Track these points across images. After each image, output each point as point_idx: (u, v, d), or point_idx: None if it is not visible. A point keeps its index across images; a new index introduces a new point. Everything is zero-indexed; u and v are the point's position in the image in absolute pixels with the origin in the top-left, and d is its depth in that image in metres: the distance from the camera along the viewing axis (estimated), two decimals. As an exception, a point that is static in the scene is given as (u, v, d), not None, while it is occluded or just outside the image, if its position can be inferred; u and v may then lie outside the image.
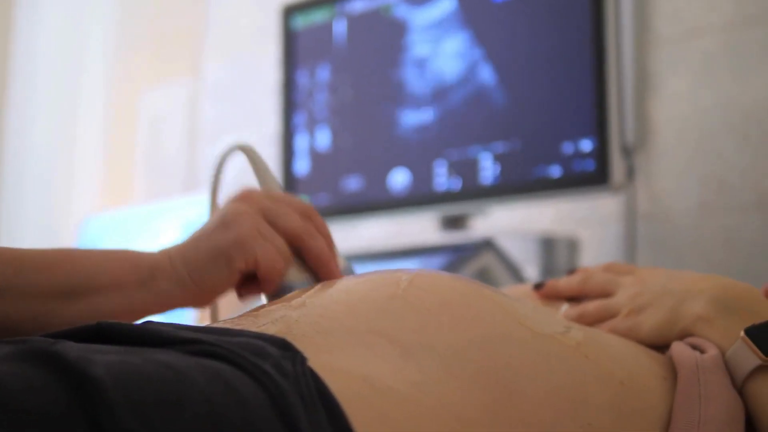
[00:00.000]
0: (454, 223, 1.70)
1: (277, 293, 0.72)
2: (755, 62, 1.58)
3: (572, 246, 1.64)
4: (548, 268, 1.60)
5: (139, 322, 0.58)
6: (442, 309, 0.60)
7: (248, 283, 0.73)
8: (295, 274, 0.73)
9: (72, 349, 0.46)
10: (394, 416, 0.50)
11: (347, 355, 0.54)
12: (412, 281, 0.63)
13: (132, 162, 2.69)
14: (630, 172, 1.57)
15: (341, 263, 0.77)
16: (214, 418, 0.43)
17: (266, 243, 0.70)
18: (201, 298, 0.72)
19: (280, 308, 0.60)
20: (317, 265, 0.74)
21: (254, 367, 0.48)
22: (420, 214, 1.73)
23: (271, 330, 0.56)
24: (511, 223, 1.79)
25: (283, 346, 0.51)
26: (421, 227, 1.89)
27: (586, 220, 1.73)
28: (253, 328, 0.57)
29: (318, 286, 0.67)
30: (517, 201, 1.61)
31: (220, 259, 0.69)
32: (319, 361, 0.52)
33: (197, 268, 0.70)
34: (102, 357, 0.45)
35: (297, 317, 0.58)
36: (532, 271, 1.62)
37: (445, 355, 0.56)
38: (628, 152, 1.54)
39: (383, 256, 1.71)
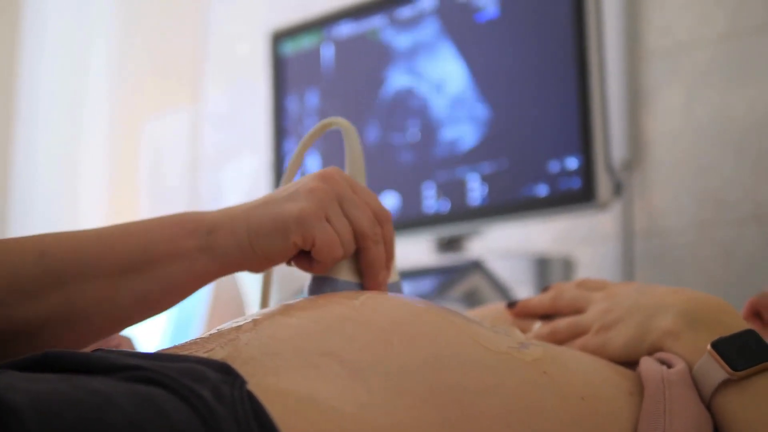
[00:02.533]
0: (449, 245, 1.69)
1: (323, 280, 0.71)
2: (749, 74, 1.57)
3: (567, 266, 1.63)
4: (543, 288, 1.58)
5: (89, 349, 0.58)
6: (394, 329, 0.60)
7: (302, 257, 0.71)
8: (345, 271, 0.71)
9: (3, 379, 0.47)
10: None
11: (294, 377, 0.54)
12: (364, 303, 0.63)
13: (135, 190, 2.71)
14: (618, 189, 1.56)
15: (393, 278, 0.75)
16: None
17: (329, 227, 0.68)
18: (257, 263, 0.70)
19: (230, 331, 0.60)
20: (367, 271, 0.72)
21: (189, 391, 0.48)
22: (410, 237, 1.72)
23: (219, 354, 0.56)
24: (507, 244, 1.78)
25: (224, 370, 0.52)
26: (418, 250, 1.88)
27: (583, 240, 1.72)
28: (201, 353, 0.57)
29: (278, 307, 0.67)
30: (505, 221, 1.60)
31: (280, 229, 0.67)
32: (263, 384, 0.52)
33: (257, 234, 0.68)
34: (28, 385, 0.45)
35: (247, 340, 0.58)
36: (526, 292, 1.60)
37: (395, 375, 0.56)
38: (612, 170, 1.53)
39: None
